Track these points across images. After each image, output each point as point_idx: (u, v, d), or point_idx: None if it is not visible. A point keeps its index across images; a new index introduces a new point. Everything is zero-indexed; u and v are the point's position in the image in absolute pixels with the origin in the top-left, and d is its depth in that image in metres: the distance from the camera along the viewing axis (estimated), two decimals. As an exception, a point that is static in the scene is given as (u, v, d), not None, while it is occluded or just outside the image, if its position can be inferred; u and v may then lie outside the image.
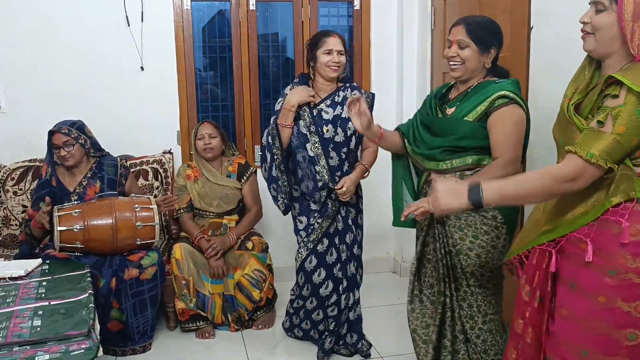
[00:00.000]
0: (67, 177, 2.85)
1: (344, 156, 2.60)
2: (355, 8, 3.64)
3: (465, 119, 1.97)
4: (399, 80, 3.65)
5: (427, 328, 2.16)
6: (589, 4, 1.49)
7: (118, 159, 3.00)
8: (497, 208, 1.94)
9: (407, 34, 3.54)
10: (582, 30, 1.50)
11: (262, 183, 3.20)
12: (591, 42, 1.48)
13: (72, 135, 2.76)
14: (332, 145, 2.57)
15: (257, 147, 3.59)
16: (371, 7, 3.63)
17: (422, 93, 3.43)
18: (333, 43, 2.55)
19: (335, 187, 2.55)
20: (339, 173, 2.59)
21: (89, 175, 2.86)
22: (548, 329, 1.53)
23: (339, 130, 2.57)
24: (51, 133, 2.77)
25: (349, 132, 2.58)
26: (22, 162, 3.14)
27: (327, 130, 2.56)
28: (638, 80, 1.35)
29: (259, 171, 3.17)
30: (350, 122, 2.52)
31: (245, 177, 3.12)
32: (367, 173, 2.66)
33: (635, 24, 1.38)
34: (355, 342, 2.71)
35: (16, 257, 2.83)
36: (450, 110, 2.06)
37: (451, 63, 2.02)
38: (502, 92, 1.91)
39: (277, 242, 3.47)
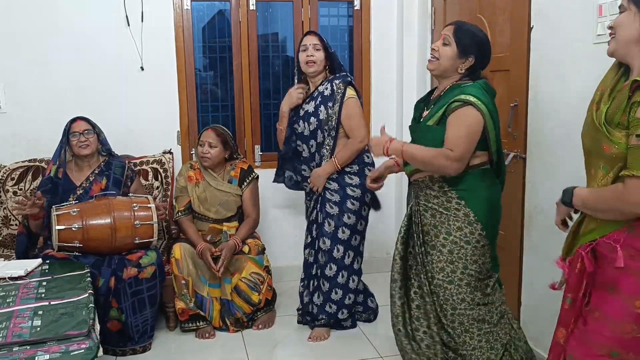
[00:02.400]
0: (75, 172, 2.89)
1: (312, 149, 2.79)
2: (355, 8, 3.64)
3: (427, 123, 2.06)
4: (399, 80, 3.64)
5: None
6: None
7: (126, 161, 3.03)
8: (469, 206, 2.02)
9: (407, 34, 3.54)
10: (609, 35, 1.47)
11: (262, 190, 3.20)
12: (612, 43, 1.45)
13: (92, 123, 2.90)
14: (301, 139, 2.83)
15: (257, 147, 3.59)
16: (371, 7, 3.63)
17: (422, 93, 3.41)
18: (308, 40, 2.73)
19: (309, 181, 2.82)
20: (312, 164, 2.82)
21: (96, 171, 2.90)
22: (573, 330, 1.53)
23: (305, 124, 2.76)
24: (72, 120, 2.86)
25: (311, 127, 2.75)
26: (22, 162, 3.14)
27: (299, 126, 2.79)
28: None
29: (260, 177, 3.18)
30: (312, 117, 2.73)
31: (246, 183, 3.09)
32: (338, 167, 2.73)
33: None
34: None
35: (16, 252, 2.85)
36: (425, 113, 2.14)
37: (430, 55, 2.11)
38: (459, 97, 1.97)
39: (275, 242, 3.47)
